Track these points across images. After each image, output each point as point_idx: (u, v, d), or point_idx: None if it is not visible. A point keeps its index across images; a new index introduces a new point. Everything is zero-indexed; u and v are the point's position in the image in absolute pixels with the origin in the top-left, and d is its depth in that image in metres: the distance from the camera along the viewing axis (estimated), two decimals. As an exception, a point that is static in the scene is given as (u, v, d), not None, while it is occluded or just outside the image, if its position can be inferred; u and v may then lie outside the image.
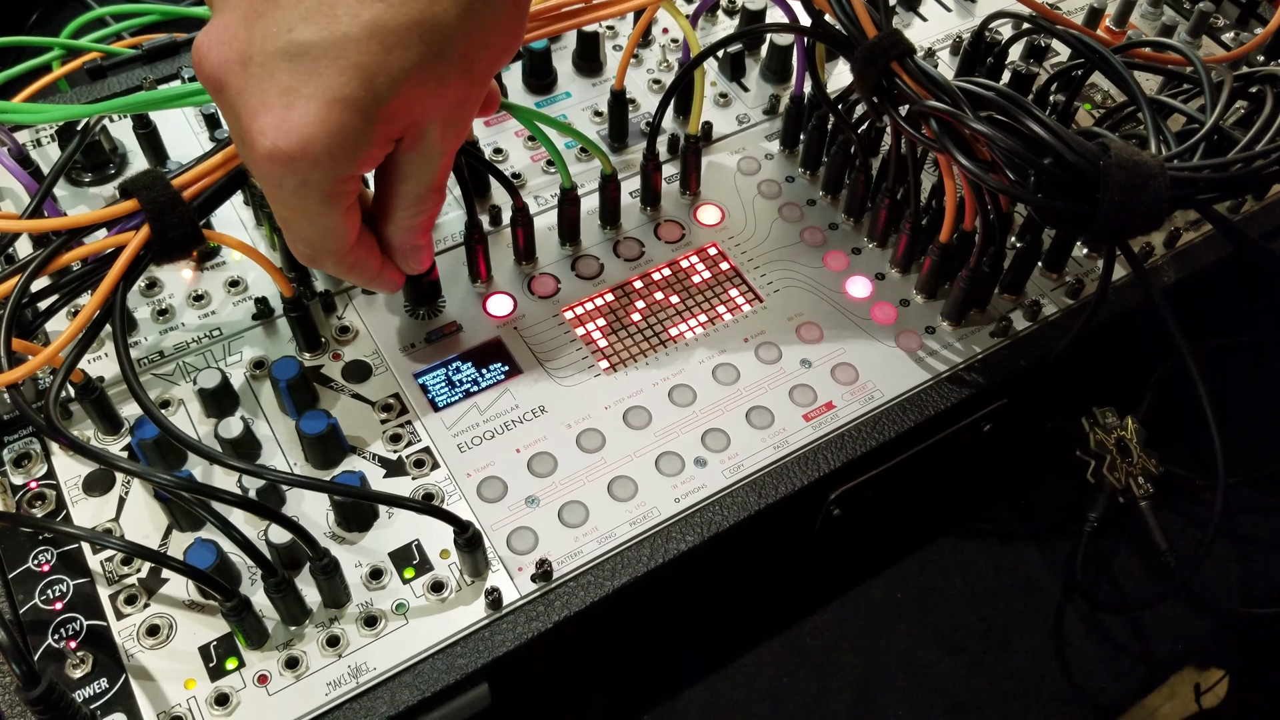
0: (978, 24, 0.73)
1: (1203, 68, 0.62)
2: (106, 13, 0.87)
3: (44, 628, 0.51)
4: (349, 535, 0.55)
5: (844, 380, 0.62)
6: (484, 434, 0.59)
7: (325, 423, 0.55)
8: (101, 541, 0.52)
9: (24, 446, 0.57)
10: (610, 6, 0.62)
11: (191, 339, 0.61)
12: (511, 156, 0.71)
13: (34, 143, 0.70)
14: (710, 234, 0.68)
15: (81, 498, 0.55)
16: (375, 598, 0.53)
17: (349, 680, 0.50)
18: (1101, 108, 0.75)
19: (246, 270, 0.64)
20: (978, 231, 0.61)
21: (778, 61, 0.75)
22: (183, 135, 0.70)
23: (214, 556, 0.50)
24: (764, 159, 0.72)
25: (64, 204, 0.67)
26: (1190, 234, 0.70)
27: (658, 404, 0.60)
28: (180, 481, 0.48)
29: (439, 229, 0.67)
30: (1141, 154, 0.52)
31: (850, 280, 0.66)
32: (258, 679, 0.50)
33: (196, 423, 0.58)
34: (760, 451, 0.59)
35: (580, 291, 0.65)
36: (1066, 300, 0.66)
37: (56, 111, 0.55)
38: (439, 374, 0.61)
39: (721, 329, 0.63)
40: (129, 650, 0.51)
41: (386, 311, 0.63)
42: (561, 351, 0.62)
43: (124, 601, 0.52)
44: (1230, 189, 0.56)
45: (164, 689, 0.50)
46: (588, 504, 0.56)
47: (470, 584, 0.53)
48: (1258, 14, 0.82)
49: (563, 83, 0.75)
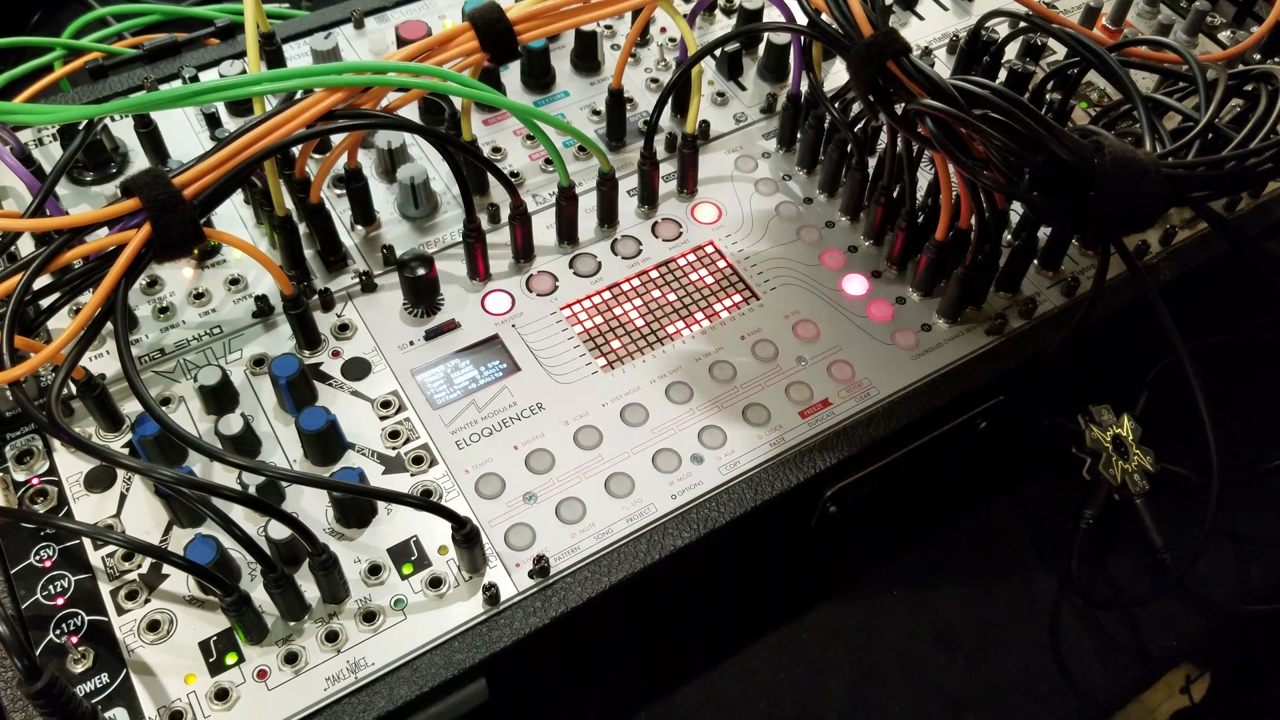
0: (974, 23, 0.74)
1: (1197, 66, 0.62)
2: (108, 12, 0.88)
3: (45, 623, 0.52)
4: (348, 531, 0.55)
5: (840, 378, 0.62)
6: (482, 431, 0.59)
7: (325, 419, 0.55)
8: (102, 537, 0.52)
9: (26, 443, 0.57)
10: (608, 6, 0.63)
11: (192, 336, 0.62)
12: (510, 155, 0.71)
13: (36, 141, 0.70)
14: (707, 232, 0.68)
15: (83, 494, 0.56)
16: (374, 593, 0.53)
17: (348, 675, 0.51)
18: (1097, 106, 0.76)
19: (247, 268, 0.65)
20: (973, 229, 0.61)
21: (775, 60, 0.76)
22: (183, 134, 0.71)
23: (214, 552, 0.51)
24: (761, 158, 0.72)
25: (66, 202, 0.67)
26: (1186, 231, 0.70)
27: (655, 401, 0.60)
28: (180, 478, 0.49)
29: (438, 227, 0.67)
30: (1136, 152, 0.52)
31: (847, 278, 0.66)
32: (257, 674, 0.51)
33: (197, 420, 0.58)
34: (757, 448, 0.59)
35: (578, 289, 0.65)
36: (1062, 298, 0.66)
37: (58, 113, 0.56)
38: (437, 371, 0.61)
39: (718, 327, 0.64)
40: (130, 645, 0.51)
41: (385, 309, 0.63)
42: (559, 349, 0.62)
43: (125, 597, 0.53)
44: (1224, 186, 0.56)
45: (164, 684, 0.50)
46: (585, 500, 0.57)
47: (468, 580, 0.54)
48: (1254, 12, 0.83)
49: (561, 81, 0.76)
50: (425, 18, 0.78)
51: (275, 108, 0.55)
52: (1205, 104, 0.59)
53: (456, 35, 0.60)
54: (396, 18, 0.78)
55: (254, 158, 0.54)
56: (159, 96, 0.55)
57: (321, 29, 0.76)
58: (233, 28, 0.79)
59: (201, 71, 0.73)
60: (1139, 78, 0.74)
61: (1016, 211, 0.67)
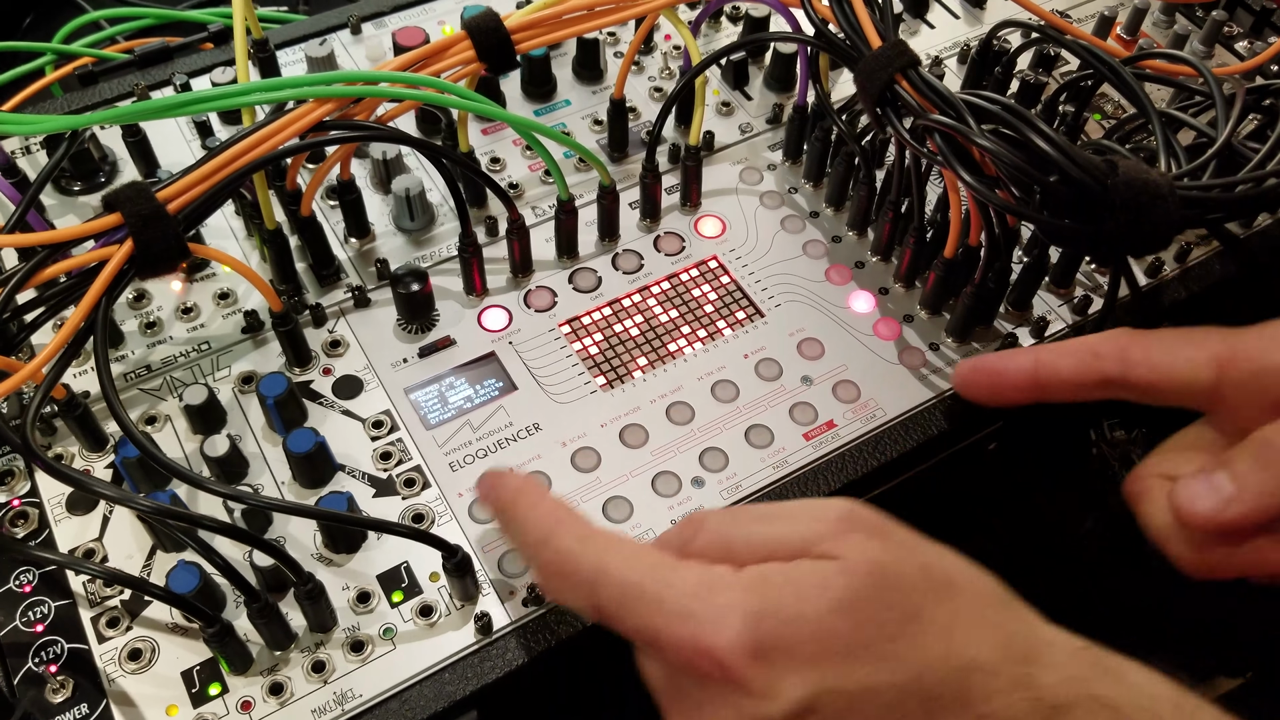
0: (986, 32, 0.72)
1: (1215, 82, 0.60)
2: (101, 16, 0.86)
3: (24, 650, 0.50)
4: (336, 557, 0.53)
5: (845, 398, 0.60)
6: (476, 452, 0.57)
7: (313, 441, 0.54)
8: (80, 567, 0.51)
9: (7, 463, 0.55)
10: (610, 14, 0.61)
11: (179, 353, 0.60)
12: (509, 166, 0.70)
13: (23, 150, 0.68)
14: (711, 246, 0.66)
15: (65, 516, 0.54)
16: (362, 622, 0.52)
17: (335, 707, 0.49)
18: (1112, 118, 0.74)
19: (236, 282, 0.63)
20: (983, 247, 0.59)
21: (781, 70, 0.74)
22: (174, 142, 0.69)
23: (196, 580, 0.49)
24: (766, 170, 0.71)
25: (52, 213, 0.66)
26: (1201, 249, 0.68)
27: (655, 422, 0.59)
28: (160, 507, 0.47)
29: (434, 240, 0.66)
30: (1150, 172, 0.51)
31: (853, 295, 0.65)
32: (241, 705, 0.49)
33: (183, 439, 0.57)
34: (759, 471, 0.57)
35: (577, 305, 0.63)
36: (1073, 316, 0.64)
37: (42, 123, 0.54)
38: (431, 390, 0.59)
39: (721, 344, 0.62)
40: (110, 675, 0.50)
41: (378, 325, 0.62)
42: (557, 367, 0.61)
43: (106, 624, 0.51)
44: (1239, 209, 0.54)
45: (145, 715, 0.49)
46: (581, 525, 0.55)
47: (460, 608, 0.52)
48: (1272, 23, 0.81)
49: (562, 90, 0.74)
50: (423, 23, 0.76)
51: (265, 118, 0.54)
52: (1223, 122, 0.58)
53: (452, 44, 0.58)
54: (395, 23, 0.77)
55: (242, 170, 0.53)
56: (145, 107, 0.54)
57: (318, 34, 0.75)
58: (227, 32, 0.78)
59: (194, 78, 0.71)
60: (1153, 88, 0.72)
61: (1027, 227, 0.65)
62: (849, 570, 0.41)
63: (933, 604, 0.41)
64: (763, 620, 0.40)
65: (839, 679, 0.39)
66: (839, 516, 0.43)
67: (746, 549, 0.43)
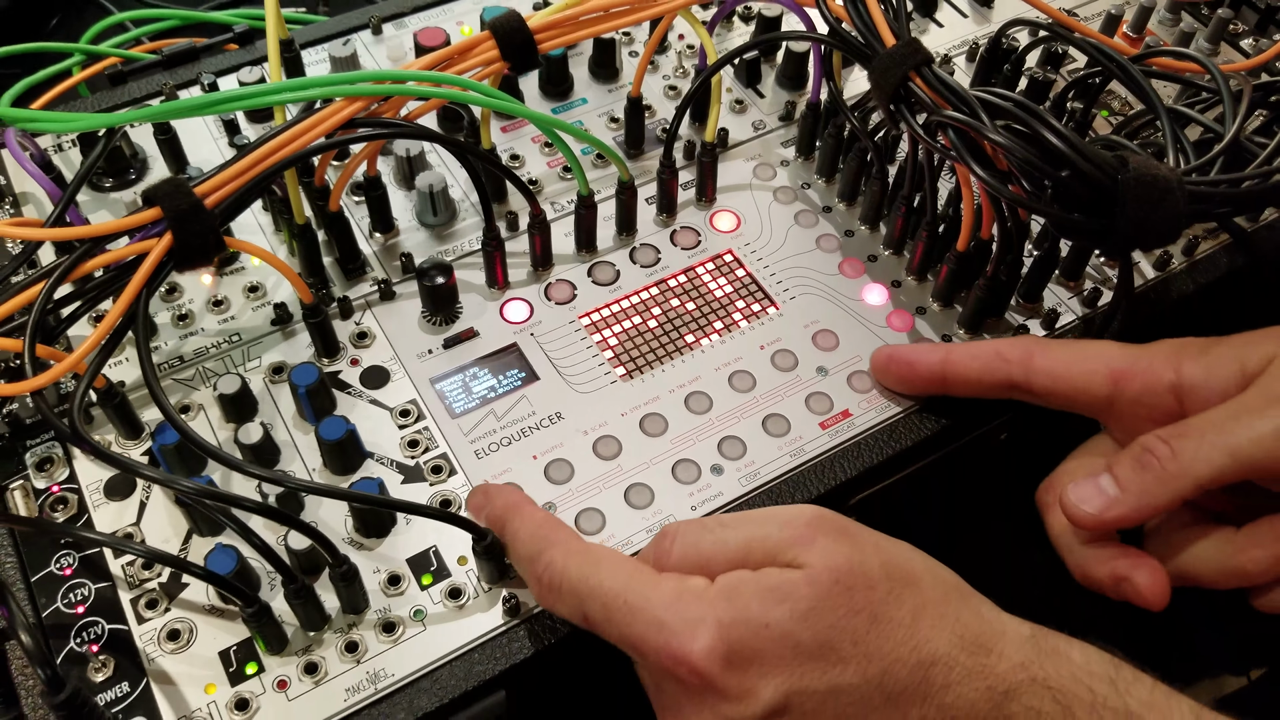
0: (995, 30, 0.73)
1: (1222, 79, 0.61)
2: (127, 17, 0.88)
3: (66, 631, 0.52)
4: (367, 541, 0.55)
5: (860, 388, 0.62)
6: (501, 440, 0.59)
7: (345, 429, 0.55)
8: (122, 547, 0.52)
9: (46, 450, 0.57)
10: (628, 15, 0.62)
11: (211, 344, 0.62)
12: (528, 162, 0.71)
13: (55, 147, 0.70)
14: (726, 241, 0.68)
15: (103, 502, 0.56)
16: (393, 604, 0.53)
17: (367, 686, 0.51)
18: (1120, 114, 0.75)
19: (265, 275, 0.65)
20: (995, 240, 0.61)
21: (794, 68, 0.75)
22: (202, 141, 0.71)
23: (234, 562, 0.51)
24: (780, 166, 0.72)
25: (85, 209, 0.67)
26: (1209, 242, 0.69)
27: (674, 411, 0.60)
28: (200, 489, 0.49)
29: (457, 235, 0.67)
30: (1159, 168, 0.52)
31: (867, 288, 0.66)
32: (277, 684, 0.51)
33: (216, 428, 0.59)
34: (777, 459, 0.59)
35: (597, 298, 0.65)
36: (1083, 309, 0.66)
37: (77, 121, 0.55)
38: (456, 380, 0.61)
39: (737, 336, 0.64)
40: (150, 654, 0.51)
41: (404, 317, 0.63)
42: (578, 358, 0.62)
43: (145, 606, 0.53)
44: (1247, 204, 0.56)
45: (184, 693, 0.50)
46: (604, 511, 0.56)
47: (488, 591, 0.54)
48: (1276, 20, 0.82)
49: (579, 89, 0.76)
50: (443, 24, 0.77)
51: (295, 117, 0.55)
52: (1230, 117, 0.59)
53: (477, 44, 0.59)
54: (415, 24, 0.78)
55: (274, 167, 0.54)
56: (179, 105, 0.55)
57: (340, 35, 0.77)
58: (252, 33, 0.79)
59: (220, 77, 0.73)
60: (1161, 85, 0.74)
61: (1038, 221, 0.67)
62: (814, 579, 0.44)
63: (895, 602, 0.44)
64: (733, 629, 0.43)
65: (808, 680, 0.43)
66: (805, 522, 0.46)
67: (718, 558, 0.47)
